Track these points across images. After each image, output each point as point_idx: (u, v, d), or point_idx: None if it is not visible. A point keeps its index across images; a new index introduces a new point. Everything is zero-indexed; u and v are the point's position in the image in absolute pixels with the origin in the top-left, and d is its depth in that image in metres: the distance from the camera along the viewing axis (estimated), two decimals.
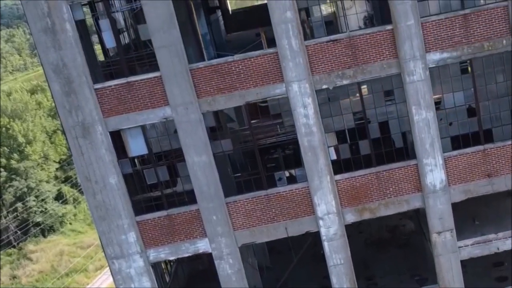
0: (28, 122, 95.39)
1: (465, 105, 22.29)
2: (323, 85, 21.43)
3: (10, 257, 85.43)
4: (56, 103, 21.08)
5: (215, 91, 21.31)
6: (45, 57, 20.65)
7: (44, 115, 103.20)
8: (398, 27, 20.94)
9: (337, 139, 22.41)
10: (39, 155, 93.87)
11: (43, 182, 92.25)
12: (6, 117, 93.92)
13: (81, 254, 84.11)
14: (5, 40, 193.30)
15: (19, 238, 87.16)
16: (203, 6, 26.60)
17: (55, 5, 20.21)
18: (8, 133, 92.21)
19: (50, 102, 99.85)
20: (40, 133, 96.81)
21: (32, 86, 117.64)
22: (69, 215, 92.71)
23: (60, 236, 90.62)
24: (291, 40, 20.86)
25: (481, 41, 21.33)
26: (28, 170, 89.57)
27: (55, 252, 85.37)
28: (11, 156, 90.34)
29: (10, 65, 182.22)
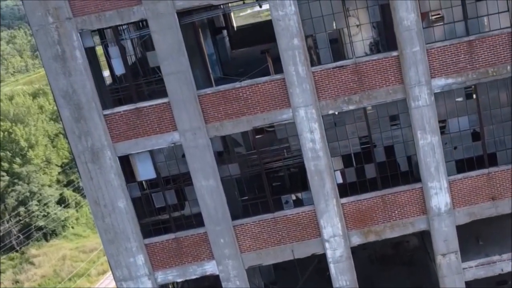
0: (30, 126, 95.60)
1: (470, 129, 22.54)
2: (330, 110, 21.69)
3: (12, 261, 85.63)
4: (66, 128, 21.34)
5: (223, 116, 21.56)
6: (55, 83, 20.91)
7: (46, 119, 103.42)
8: (404, 54, 21.19)
9: (343, 163, 22.65)
10: (41, 159, 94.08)
11: (46, 186, 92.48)
12: (8, 121, 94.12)
13: (83, 259, 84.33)
14: (6, 41, 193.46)
15: (21, 242, 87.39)
16: (209, 27, 26.83)
17: (66, 33, 20.48)
18: (10, 138, 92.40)
19: (52, 105, 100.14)
20: (42, 137, 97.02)
21: (34, 89, 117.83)
22: (71, 219, 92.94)
23: (63, 240, 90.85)
24: (298, 67, 21.12)
25: (486, 67, 21.58)
26: (30, 174, 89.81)
27: (57, 257, 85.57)
28: (13, 161, 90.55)
29: (11, 66, 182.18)
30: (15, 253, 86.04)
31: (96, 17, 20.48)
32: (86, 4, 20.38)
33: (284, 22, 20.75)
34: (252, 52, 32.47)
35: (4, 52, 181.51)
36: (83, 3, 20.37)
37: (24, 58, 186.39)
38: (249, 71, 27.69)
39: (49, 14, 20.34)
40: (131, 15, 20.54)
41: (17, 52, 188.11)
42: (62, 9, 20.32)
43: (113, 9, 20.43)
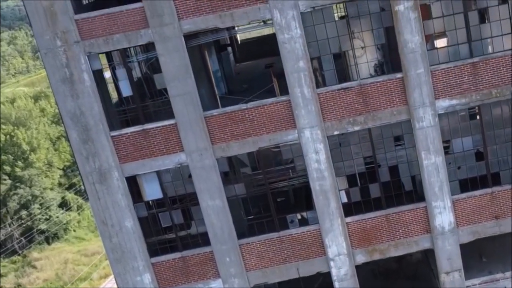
0: (32, 130, 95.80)
1: (473, 149, 22.74)
2: (335, 131, 21.90)
3: (14, 265, 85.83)
4: (74, 150, 21.55)
5: (229, 137, 21.78)
6: (63, 105, 21.13)
7: (48, 122, 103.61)
8: (408, 75, 21.40)
9: (348, 182, 22.87)
10: (43, 162, 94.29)
11: (47, 189, 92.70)
12: (10, 125, 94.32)
13: (85, 262, 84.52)
14: (7, 42, 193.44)
15: (24, 246, 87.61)
16: (214, 44, 27.02)
17: (74, 56, 20.69)
18: (12, 141, 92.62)
19: (54, 108, 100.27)
20: (44, 140, 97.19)
21: (36, 92, 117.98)
22: (73, 222, 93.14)
23: (64, 244, 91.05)
24: (303, 89, 21.33)
25: (489, 88, 21.79)
26: (32, 178, 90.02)
27: (59, 260, 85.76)
28: (15, 164, 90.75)
29: (12, 67, 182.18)
30: (17, 257, 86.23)
31: (104, 40, 20.68)
32: (94, 28, 20.58)
33: (290, 45, 20.95)
34: (256, 66, 32.75)
35: (5, 53, 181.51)
36: (91, 27, 20.58)
37: (25, 59, 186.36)
38: (254, 86, 27.97)
39: (57, 38, 20.55)
40: (139, 38, 20.75)
41: (18, 53, 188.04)
42: (70, 33, 20.53)
43: (120, 32, 20.65)
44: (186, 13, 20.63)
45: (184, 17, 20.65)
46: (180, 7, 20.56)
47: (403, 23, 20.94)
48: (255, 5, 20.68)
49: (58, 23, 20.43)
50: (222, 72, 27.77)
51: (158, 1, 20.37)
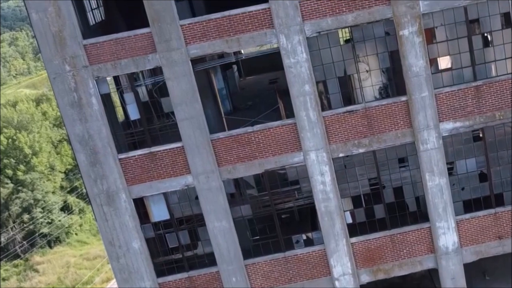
0: (34, 133, 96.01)
1: (477, 170, 22.97)
2: (340, 153, 22.14)
3: (16, 269, 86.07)
4: (82, 172, 21.78)
5: (235, 160, 22.02)
6: (72, 129, 21.37)
7: (50, 125, 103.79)
8: (413, 99, 21.64)
9: (353, 203, 23.11)
10: (45, 166, 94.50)
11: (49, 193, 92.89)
12: (12, 128, 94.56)
13: (87, 266, 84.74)
14: (8, 43, 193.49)
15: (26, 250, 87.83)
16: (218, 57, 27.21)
17: (82, 81, 20.93)
18: (14, 145, 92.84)
19: (56, 111, 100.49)
20: (46, 144, 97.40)
21: (37, 95, 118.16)
22: (75, 226, 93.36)
23: (66, 247, 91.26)
24: (309, 112, 21.57)
25: (493, 111, 22.03)
26: (34, 181, 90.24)
27: (61, 264, 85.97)
28: (17, 168, 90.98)
29: (13, 69, 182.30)
30: (19, 260, 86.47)
31: (112, 65, 20.92)
32: (102, 53, 20.81)
33: (295, 69, 21.19)
34: (261, 80, 32.99)
35: (6, 54, 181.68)
36: (99, 52, 20.81)
37: (26, 61, 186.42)
38: (258, 103, 28.22)
39: (66, 63, 20.79)
40: (146, 63, 20.98)
41: (19, 55, 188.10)
42: (79, 58, 20.76)
43: (128, 57, 20.88)
44: (193, 38, 20.86)
45: (191, 42, 20.89)
46: (187, 32, 20.79)
47: (408, 47, 21.17)
48: (261, 30, 20.91)
49: (67, 48, 20.67)
50: (227, 90, 27.98)
51: (165, 26, 20.60)
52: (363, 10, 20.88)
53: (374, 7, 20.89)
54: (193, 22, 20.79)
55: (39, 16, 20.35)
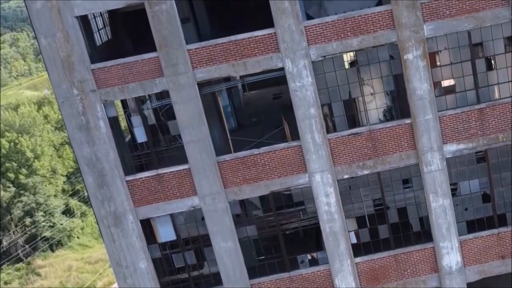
0: (36, 137, 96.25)
1: (480, 191, 23.21)
2: (345, 175, 22.39)
3: (18, 272, 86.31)
4: (90, 194, 22.03)
5: (241, 181, 22.26)
6: (80, 152, 21.61)
7: (51, 128, 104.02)
8: (417, 121, 21.87)
9: (357, 223, 23.36)
10: (47, 169, 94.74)
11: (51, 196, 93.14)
12: (14, 132, 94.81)
13: (89, 270, 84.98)
14: (9, 44, 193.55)
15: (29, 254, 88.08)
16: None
17: (90, 104, 21.18)
18: (16, 148, 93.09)
19: (57, 114, 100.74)
20: (48, 147, 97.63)
21: (39, 98, 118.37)
22: (76, 229, 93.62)
23: (68, 251, 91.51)
24: (314, 135, 21.81)
25: (496, 133, 22.26)
26: (36, 185, 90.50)
27: (63, 267, 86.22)
28: (19, 171, 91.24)
29: (14, 70, 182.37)
30: (21, 264, 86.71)
31: (120, 88, 21.16)
32: (110, 77, 21.06)
33: (301, 93, 21.43)
34: (264, 95, 33.16)
35: (7, 55, 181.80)
36: (107, 76, 21.05)
37: (27, 62, 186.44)
38: (263, 120, 28.42)
39: (74, 87, 21.03)
40: (153, 86, 21.23)
41: (20, 56, 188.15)
42: (87, 82, 21.00)
43: (136, 81, 21.13)
44: (200, 63, 21.10)
45: (198, 66, 21.13)
46: (194, 57, 21.03)
47: (412, 71, 21.41)
48: (267, 54, 21.15)
49: (75, 72, 20.91)
50: (232, 107, 28.23)
51: (173, 51, 20.84)
52: (368, 35, 21.11)
53: (378, 31, 21.12)
54: (200, 47, 21.02)
55: (47, 41, 20.59)
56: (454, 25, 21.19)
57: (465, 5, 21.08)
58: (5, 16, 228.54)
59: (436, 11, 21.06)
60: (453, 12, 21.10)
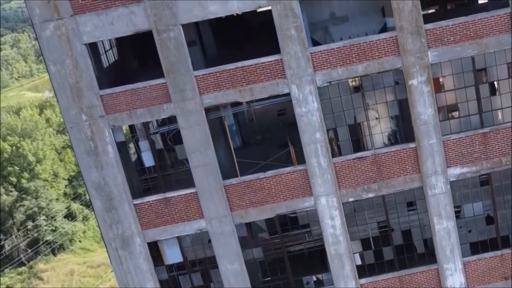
0: (38, 141, 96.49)
1: (484, 213, 23.46)
2: (350, 198, 22.64)
3: (21, 276, 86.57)
4: (98, 217, 22.30)
5: (247, 204, 22.52)
6: (88, 176, 21.87)
7: (53, 132, 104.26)
8: (421, 146, 22.13)
9: (362, 245, 23.60)
10: (49, 173, 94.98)
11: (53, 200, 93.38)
12: (16, 136, 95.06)
13: (91, 274, 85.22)
14: (11, 45, 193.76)
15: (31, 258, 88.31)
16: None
17: (98, 130, 21.43)
18: (18, 152, 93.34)
19: (59, 117, 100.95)
20: (49, 151, 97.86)
21: (41, 101, 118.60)
22: (78, 233, 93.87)
23: (70, 255, 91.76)
24: (320, 159, 22.06)
25: (500, 157, 22.51)
26: (38, 189, 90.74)
27: (65, 271, 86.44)
28: (21, 175, 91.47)
29: (15, 71, 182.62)
30: (24, 268, 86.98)
31: (128, 114, 21.42)
32: (118, 103, 21.31)
33: (307, 118, 21.68)
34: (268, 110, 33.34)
35: (8, 56, 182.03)
36: (115, 102, 21.31)
37: (28, 63, 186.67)
38: (267, 137, 28.66)
39: (82, 113, 21.28)
40: (161, 112, 21.48)
41: (21, 57, 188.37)
42: (95, 108, 21.25)
43: (143, 107, 21.38)
44: (207, 88, 21.36)
45: (205, 92, 21.38)
46: (201, 83, 21.28)
47: (417, 96, 21.66)
48: (273, 80, 21.40)
49: (84, 98, 21.17)
50: (237, 125, 28.47)
51: (180, 77, 21.09)
52: (373, 61, 21.35)
53: (384, 57, 21.36)
54: (207, 73, 21.28)
55: (57, 68, 20.85)
56: (458, 51, 21.44)
57: (469, 31, 21.31)
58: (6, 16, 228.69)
59: (441, 38, 21.30)
60: (457, 39, 21.35)
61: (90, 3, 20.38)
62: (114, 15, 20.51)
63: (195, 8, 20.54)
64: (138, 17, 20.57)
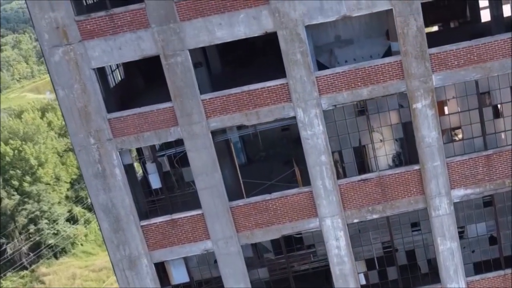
0: (40, 145, 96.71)
1: (487, 234, 23.71)
2: (354, 219, 22.88)
3: (22, 280, 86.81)
4: (105, 239, 22.54)
5: (253, 226, 22.77)
6: (96, 198, 22.11)
7: (55, 135, 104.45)
8: (425, 168, 22.36)
9: (367, 265, 23.84)
10: (51, 176, 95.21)
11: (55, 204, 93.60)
12: (18, 140, 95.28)
13: (93, 278, 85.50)
14: (12, 46, 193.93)
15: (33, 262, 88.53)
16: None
17: (106, 153, 21.67)
18: (20, 156, 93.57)
19: (61, 120, 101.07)
20: (51, 155, 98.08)
21: (43, 104, 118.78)
22: (80, 236, 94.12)
23: (72, 258, 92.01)
24: (325, 181, 22.30)
25: (503, 179, 22.75)
26: (40, 193, 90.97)
27: (67, 275, 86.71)
28: (23, 179, 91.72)
29: (17, 73, 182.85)
30: (26, 272, 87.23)
31: (135, 137, 21.66)
32: (126, 126, 21.55)
33: (312, 141, 21.92)
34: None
35: (10, 58, 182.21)
36: (123, 125, 21.54)
37: (29, 64, 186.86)
38: (271, 154, 28.85)
39: (91, 136, 21.52)
40: (168, 135, 21.71)
41: (23, 58, 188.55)
42: (103, 131, 21.49)
43: (151, 130, 21.61)
44: (213, 112, 21.59)
45: (211, 116, 21.61)
46: (208, 107, 21.51)
47: (421, 120, 21.89)
48: (279, 104, 21.63)
49: (92, 122, 21.40)
50: (242, 143, 28.67)
51: (187, 101, 21.33)
52: (378, 85, 21.58)
53: (388, 81, 21.60)
54: (214, 97, 21.51)
55: (65, 92, 21.08)
56: (462, 75, 21.67)
57: (473, 55, 21.53)
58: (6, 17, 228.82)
59: (445, 62, 21.52)
60: (461, 63, 21.57)
61: (99, 28, 20.60)
62: (122, 40, 20.73)
63: (202, 33, 20.76)
64: (145, 42, 20.79)
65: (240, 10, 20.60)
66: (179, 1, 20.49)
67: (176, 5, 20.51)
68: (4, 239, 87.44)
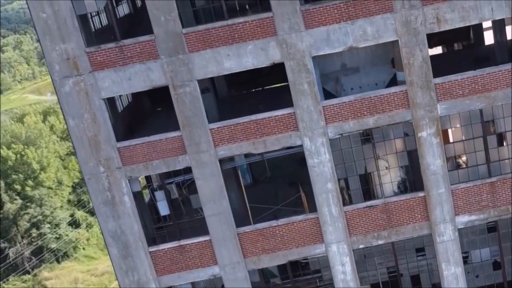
0: (42, 148, 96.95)
1: (491, 259, 24.01)
2: (360, 245, 23.18)
3: (25, 284, 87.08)
4: (114, 264, 22.83)
5: (260, 251, 23.07)
6: (105, 225, 22.41)
7: (57, 139, 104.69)
8: (430, 195, 22.66)
9: None
10: (53, 181, 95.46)
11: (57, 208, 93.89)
12: (20, 144, 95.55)
13: (95, 282, 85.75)
14: (13, 47, 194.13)
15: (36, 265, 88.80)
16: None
17: (115, 181, 21.96)
18: (22, 160, 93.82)
19: (62, 124, 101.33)
20: (54, 159, 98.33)
21: (45, 108, 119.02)
22: (82, 240, 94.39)
23: (74, 262, 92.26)
24: (331, 208, 22.60)
25: (507, 205, 23.06)
26: (42, 197, 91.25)
27: (69, 280, 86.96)
28: (25, 183, 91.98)
29: (18, 74, 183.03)
30: (28, 276, 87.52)
31: (144, 165, 21.95)
32: (135, 155, 21.83)
33: (319, 169, 22.21)
34: None
35: (11, 59, 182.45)
36: (132, 154, 21.83)
37: (31, 66, 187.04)
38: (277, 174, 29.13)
39: (100, 164, 21.81)
40: (177, 163, 22.00)
41: (24, 59, 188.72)
42: (113, 160, 21.78)
43: (159, 159, 21.90)
44: (221, 141, 21.88)
45: (219, 144, 21.90)
46: (216, 136, 21.80)
47: (426, 148, 22.18)
48: (286, 133, 21.92)
49: (102, 151, 21.69)
50: (248, 164, 28.91)
51: (195, 130, 21.61)
52: (383, 114, 21.87)
53: (394, 110, 21.88)
54: (222, 126, 21.80)
55: (75, 122, 21.37)
56: (467, 104, 21.95)
57: (477, 85, 21.82)
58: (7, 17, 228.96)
59: (450, 92, 21.82)
60: (466, 92, 21.86)
61: (109, 60, 20.88)
62: (132, 71, 21.02)
63: (210, 64, 21.05)
64: (155, 73, 21.07)
65: (248, 41, 20.87)
66: (188, 33, 20.76)
67: (185, 36, 20.79)
68: (6, 244, 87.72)
